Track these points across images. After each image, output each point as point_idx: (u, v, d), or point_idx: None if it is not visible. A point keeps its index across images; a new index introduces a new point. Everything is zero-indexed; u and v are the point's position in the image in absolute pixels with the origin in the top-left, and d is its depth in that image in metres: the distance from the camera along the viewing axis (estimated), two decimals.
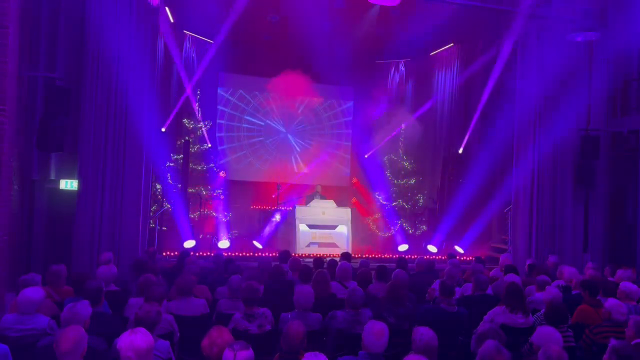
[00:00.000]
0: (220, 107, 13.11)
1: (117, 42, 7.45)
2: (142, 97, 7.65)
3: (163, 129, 10.01)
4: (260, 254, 9.44)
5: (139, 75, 7.60)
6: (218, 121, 12.93)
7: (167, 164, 10.34)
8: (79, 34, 7.54)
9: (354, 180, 13.73)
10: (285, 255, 6.96)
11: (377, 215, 12.53)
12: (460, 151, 11.41)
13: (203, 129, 11.53)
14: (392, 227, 11.70)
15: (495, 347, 2.90)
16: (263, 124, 13.58)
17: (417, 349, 3.18)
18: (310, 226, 10.15)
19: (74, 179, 7.64)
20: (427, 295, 5.75)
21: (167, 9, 9.62)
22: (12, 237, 6.11)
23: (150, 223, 8.54)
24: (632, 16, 8.81)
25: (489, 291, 5.42)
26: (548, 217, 8.98)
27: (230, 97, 13.33)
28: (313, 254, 8.82)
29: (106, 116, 7.40)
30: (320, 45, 12.65)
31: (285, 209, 11.22)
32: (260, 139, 13.57)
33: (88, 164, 7.32)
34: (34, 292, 3.89)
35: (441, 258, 9.35)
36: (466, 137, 11.31)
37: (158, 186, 9.82)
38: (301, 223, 10.07)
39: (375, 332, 3.27)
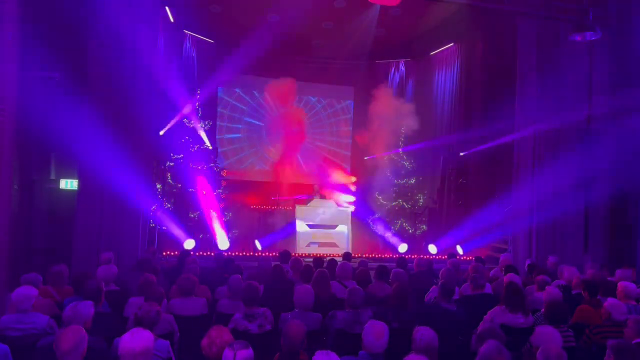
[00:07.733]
0: (220, 107, 13.11)
1: (117, 42, 7.44)
2: (142, 96, 7.64)
3: (162, 132, 9.99)
4: (260, 253, 9.43)
5: (139, 74, 7.59)
6: (218, 121, 12.93)
7: (167, 163, 10.34)
8: (79, 34, 7.54)
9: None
10: (286, 256, 6.95)
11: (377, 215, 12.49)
12: (461, 153, 11.40)
13: (203, 128, 11.51)
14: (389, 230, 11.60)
15: (496, 347, 2.90)
16: (262, 124, 13.58)
17: (417, 349, 3.18)
18: (310, 226, 10.14)
19: (74, 179, 7.63)
20: (426, 296, 5.74)
21: (167, 9, 9.62)
22: (12, 237, 6.10)
23: (150, 223, 8.53)
24: (632, 16, 8.80)
25: (489, 291, 5.42)
26: (548, 218, 8.97)
27: (229, 97, 13.33)
28: (313, 254, 8.83)
29: (106, 116, 7.40)
30: (321, 45, 12.69)
31: (285, 209, 11.21)
32: (260, 139, 13.57)
33: (88, 164, 7.31)
34: (28, 289, 3.91)
35: (441, 258, 9.35)
36: (466, 137, 11.30)
37: (158, 186, 9.81)
38: (301, 223, 10.06)
39: (375, 332, 3.26)
